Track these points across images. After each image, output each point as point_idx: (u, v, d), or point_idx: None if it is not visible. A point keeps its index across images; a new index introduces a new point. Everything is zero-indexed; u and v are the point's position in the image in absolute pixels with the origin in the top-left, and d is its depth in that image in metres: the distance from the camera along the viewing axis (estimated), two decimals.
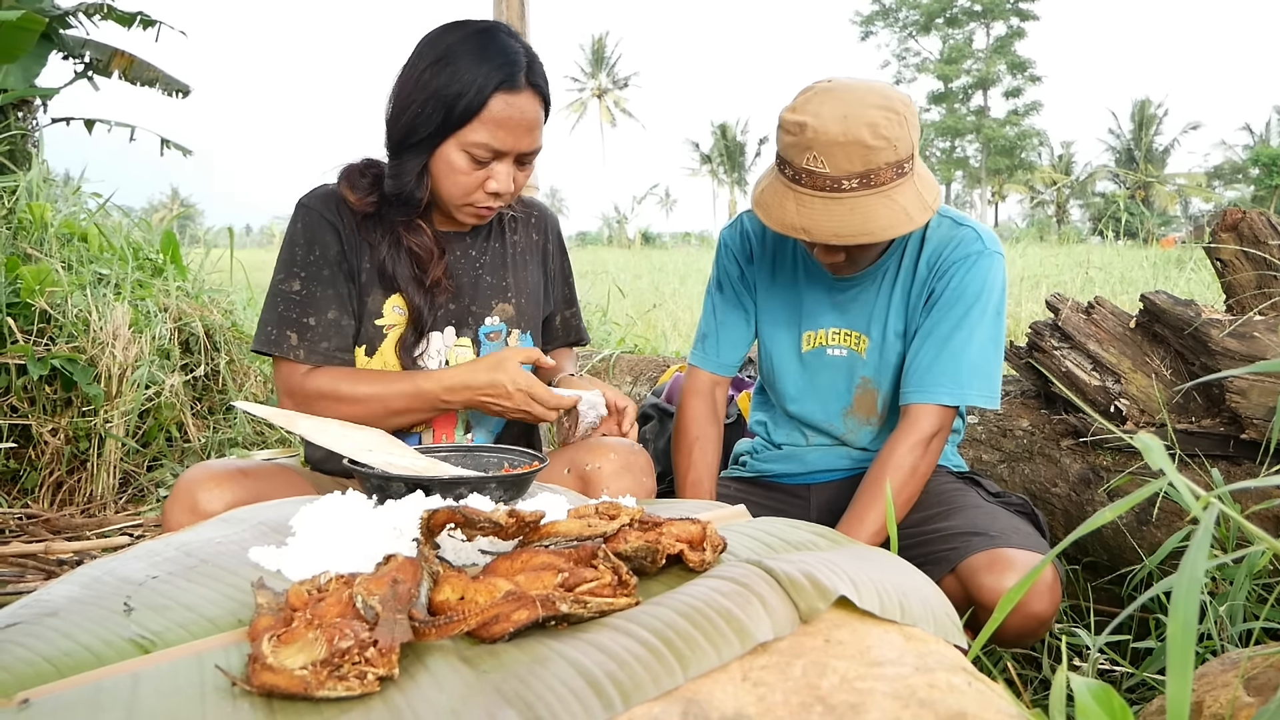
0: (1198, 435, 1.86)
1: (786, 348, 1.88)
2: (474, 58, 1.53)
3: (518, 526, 0.92)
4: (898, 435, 1.69)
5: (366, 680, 0.69)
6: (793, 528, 1.04)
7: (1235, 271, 2.03)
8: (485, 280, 1.73)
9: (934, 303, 1.72)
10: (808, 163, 1.54)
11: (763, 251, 1.91)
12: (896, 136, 1.52)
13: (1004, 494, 1.76)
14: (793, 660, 0.72)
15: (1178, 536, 1.54)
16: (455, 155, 1.55)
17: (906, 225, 1.56)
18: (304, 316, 1.60)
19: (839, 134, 1.50)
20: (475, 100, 1.51)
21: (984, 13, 53.19)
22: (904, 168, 1.56)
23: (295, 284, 1.62)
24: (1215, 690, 0.95)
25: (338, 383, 1.58)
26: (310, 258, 1.62)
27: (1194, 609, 0.67)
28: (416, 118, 1.54)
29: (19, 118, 8.18)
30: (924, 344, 1.71)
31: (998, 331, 1.72)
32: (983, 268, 1.70)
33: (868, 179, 1.53)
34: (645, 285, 10.41)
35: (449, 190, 1.59)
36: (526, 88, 1.55)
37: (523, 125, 1.55)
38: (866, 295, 1.80)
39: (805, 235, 1.57)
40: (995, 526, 1.57)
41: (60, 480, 3.07)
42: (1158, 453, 0.73)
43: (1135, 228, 12.40)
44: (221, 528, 1.07)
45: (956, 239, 1.73)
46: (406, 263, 1.64)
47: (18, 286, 3.07)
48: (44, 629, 0.79)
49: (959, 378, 1.68)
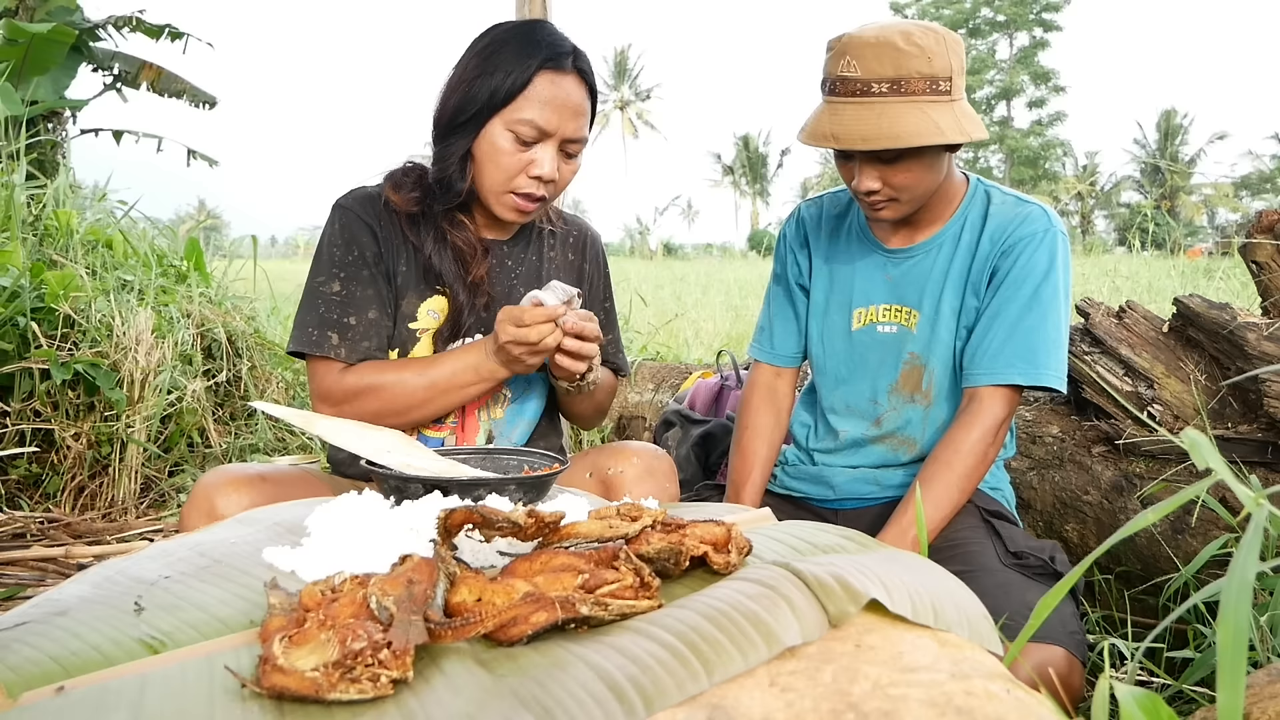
0: (1234, 441, 1.82)
1: (837, 327, 1.85)
2: (521, 42, 1.55)
3: (537, 527, 0.89)
4: (969, 420, 1.65)
5: (380, 683, 0.67)
6: (820, 531, 1.01)
7: (1271, 273, 1.98)
8: (519, 291, 1.71)
9: (1000, 282, 1.68)
10: (842, 69, 1.56)
11: (818, 235, 1.90)
12: (931, 49, 1.53)
13: (1024, 553, 1.61)
14: (822, 665, 0.69)
15: (1217, 544, 1.50)
16: (500, 135, 1.55)
17: (935, 135, 1.52)
18: (345, 316, 1.59)
19: (873, 37, 1.54)
20: (521, 77, 1.52)
21: (1007, 23, 52.97)
22: (939, 85, 1.54)
23: (335, 284, 1.60)
24: (1263, 702, 0.91)
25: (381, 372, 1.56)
26: (349, 258, 1.61)
27: (1245, 613, 0.63)
28: (464, 99, 1.55)
29: (49, 129, 8.30)
30: (992, 325, 1.67)
31: (1066, 312, 1.68)
32: (1049, 245, 1.66)
33: (898, 85, 1.53)
34: (667, 295, 10.39)
35: (492, 175, 1.57)
36: (573, 71, 1.56)
37: (568, 107, 1.54)
38: (921, 269, 1.76)
39: (834, 142, 1.57)
40: (1006, 606, 1.45)
41: (82, 485, 3.07)
42: (1206, 450, 0.69)
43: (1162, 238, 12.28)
44: (236, 528, 1.05)
45: (1022, 215, 1.69)
46: (451, 259, 1.63)
47: (42, 292, 3.09)
48: (52, 628, 0.77)
49: (1033, 357, 1.64)
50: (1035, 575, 1.57)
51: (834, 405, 1.88)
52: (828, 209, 1.92)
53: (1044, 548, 1.62)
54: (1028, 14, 52.16)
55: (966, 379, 1.70)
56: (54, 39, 6.72)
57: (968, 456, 1.62)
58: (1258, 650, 1.33)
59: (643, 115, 78.43)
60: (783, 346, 1.95)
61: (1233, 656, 0.61)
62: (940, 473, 1.63)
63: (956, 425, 1.67)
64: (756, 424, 1.92)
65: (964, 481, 1.63)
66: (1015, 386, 1.65)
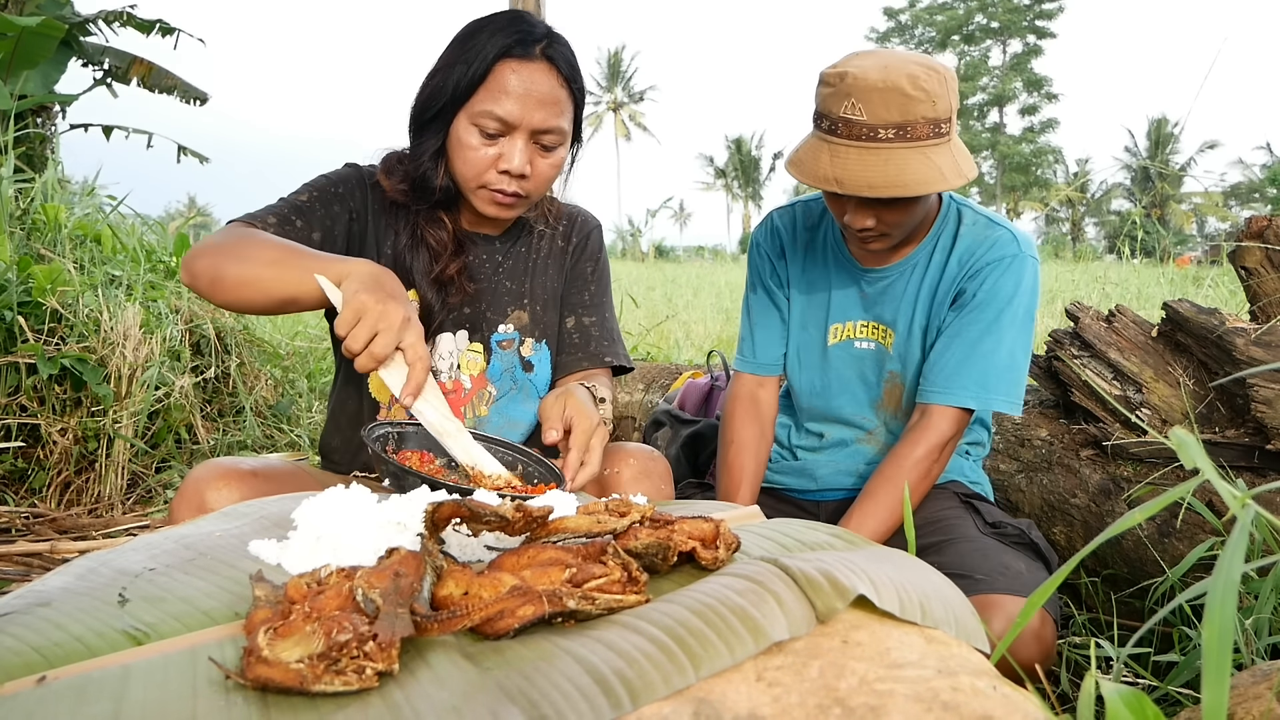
0: (1222, 446, 1.82)
1: (813, 341, 1.86)
2: (488, 31, 1.50)
3: (525, 522, 0.89)
4: (915, 436, 1.66)
5: (365, 675, 0.66)
6: (808, 528, 1.01)
7: (1260, 278, 1.99)
8: (504, 285, 1.69)
9: (964, 303, 1.68)
10: (845, 110, 1.53)
11: (794, 246, 1.90)
12: (936, 93, 1.51)
13: (1001, 524, 1.66)
14: (809, 661, 0.69)
15: (1203, 547, 1.51)
16: (464, 129, 1.51)
17: (940, 184, 1.52)
18: (295, 216, 1.54)
19: (878, 81, 1.50)
20: (480, 67, 1.47)
21: (1001, 30, 53.18)
22: (941, 128, 1.54)
23: (304, 195, 1.57)
24: (1247, 702, 0.92)
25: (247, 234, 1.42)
26: (331, 191, 1.59)
27: (1230, 614, 0.63)
28: (430, 93, 1.52)
29: (38, 123, 8.25)
30: (951, 345, 1.68)
31: (1027, 338, 1.69)
32: (1016, 271, 1.67)
33: (904, 131, 1.51)
34: (659, 297, 10.40)
35: (462, 171, 1.54)
36: (540, 59, 1.49)
37: (532, 96, 1.48)
38: (895, 288, 1.77)
39: (838, 186, 1.54)
40: (985, 567, 1.50)
41: (68, 480, 3.06)
42: (1193, 449, 0.70)
43: (1152, 246, 12.33)
44: (222, 521, 1.05)
45: (991, 239, 1.70)
46: (423, 257, 1.60)
47: (29, 286, 3.07)
48: (35, 619, 0.77)
49: (985, 381, 1.64)
50: (1013, 544, 1.61)
51: (814, 415, 1.89)
52: (801, 219, 1.92)
53: (1020, 523, 1.66)
54: (1021, 21, 52.39)
55: (921, 393, 1.71)
56: (43, 33, 6.68)
57: (910, 472, 1.64)
58: (1242, 652, 1.33)
59: (635, 117, 78.42)
60: (765, 354, 1.94)
61: (1217, 657, 0.61)
62: (881, 486, 1.65)
63: (903, 441, 1.68)
64: (741, 439, 1.90)
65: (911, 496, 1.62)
66: (965, 408, 1.67)
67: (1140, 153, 57.66)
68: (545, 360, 1.73)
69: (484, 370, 1.68)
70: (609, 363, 1.74)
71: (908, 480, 1.62)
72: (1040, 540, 1.64)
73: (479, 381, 1.68)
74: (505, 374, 1.69)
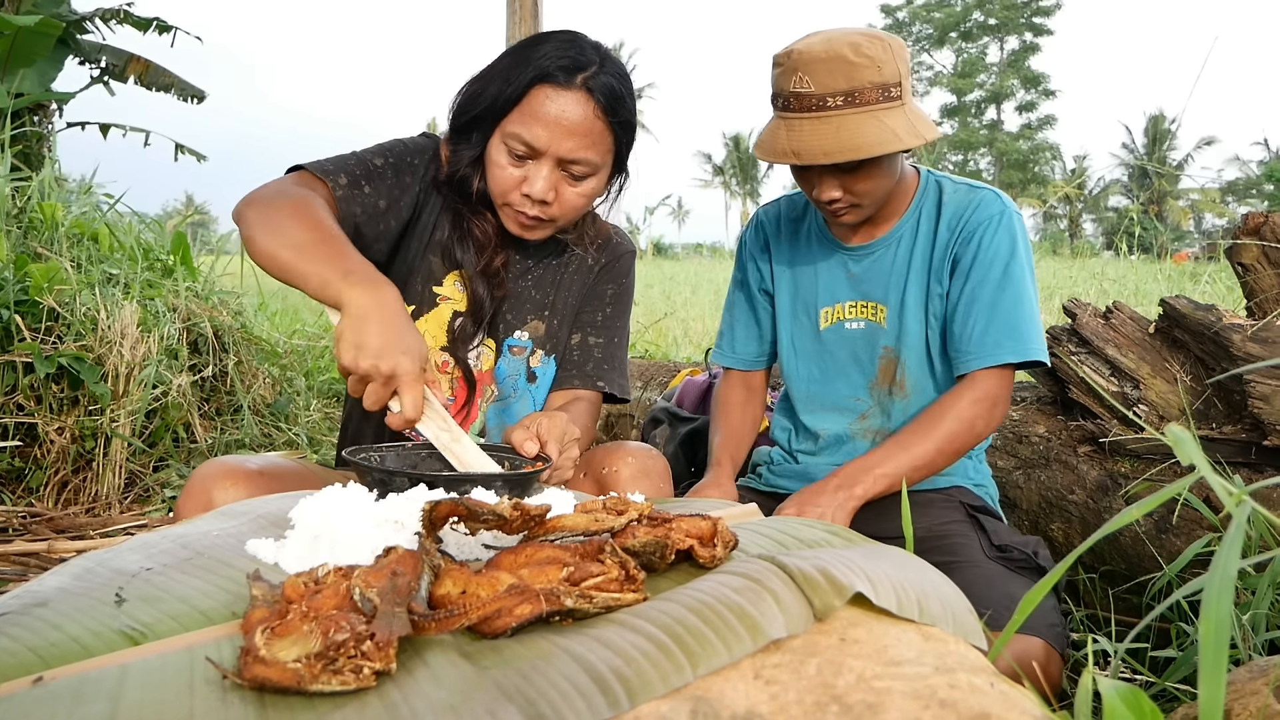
0: (1219, 442, 1.82)
1: (805, 329, 1.87)
2: (540, 51, 1.48)
3: (522, 520, 0.89)
4: (961, 390, 1.68)
5: (362, 674, 0.66)
6: (806, 526, 1.01)
7: (1257, 274, 1.99)
8: (530, 293, 1.69)
9: (966, 268, 1.70)
10: (794, 85, 1.58)
11: (779, 239, 1.93)
12: (880, 58, 1.55)
13: (1008, 547, 1.64)
14: (807, 658, 0.69)
15: (1200, 543, 1.51)
16: (496, 146, 1.51)
17: (894, 143, 1.55)
18: (365, 182, 1.53)
19: (822, 52, 1.55)
20: (516, 89, 1.47)
21: (998, 27, 53.17)
22: (891, 92, 1.57)
23: (378, 160, 1.57)
24: (1244, 698, 0.92)
25: (318, 200, 1.42)
26: (406, 161, 1.59)
27: (1227, 610, 0.64)
28: (466, 100, 1.53)
29: (35, 121, 8.23)
30: (971, 311, 1.69)
31: (1035, 287, 1.72)
32: (1008, 226, 1.70)
33: (852, 97, 1.55)
34: (657, 294, 10.40)
35: (490, 186, 1.54)
36: (578, 89, 1.47)
37: (562, 125, 1.46)
38: (883, 264, 1.79)
39: (795, 158, 1.59)
40: (990, 598, 1.47)
41: (65, 479, 3.05)
42: (1189, 445, 0.70)
43: (1149, 242, 12.33)
44: (220, 521, 1.05)
45: (976, 200, 1.73)
46: (471, 249, 1.60)
47: (26, 284, 3.06)
48: (31, 619, 0.77)
49: (1018, 333, 1.66)
50: (1019, 569, 1.60)
51: (812, 406, 1.90)
52: (785, 213, 1.95)
53: (1028, 543, 1.64)
54: (1019, 18, 52.38)
55: (957, 368, 1.72)
56: (40, 31, 6.67)
57: (954, 421, 1.65)
58: (1239, 648, 1.33)
59: None
60: (744, 350, 1.99)
61: (1214, 653, 0.61)
62: (923, 427, 1.66)
63: (948, 394, 1.70)
64: (729, 401, 1.99)
65: (944, 443, 1.65)
66: (1007, 365, 1.68)
67: (1138, 149, 57.69)
68: (550, 375, 1.73)
69: (491, 368, 1.68)
70: (601, 387, 1.73)
71: (950, 428, 1.64)
72: (1047, 561, 1.61)
73: (485, 377, 1.68)
74: (509, 378, 1.69)
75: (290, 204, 1.39)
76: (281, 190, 1.43)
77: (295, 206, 1.39)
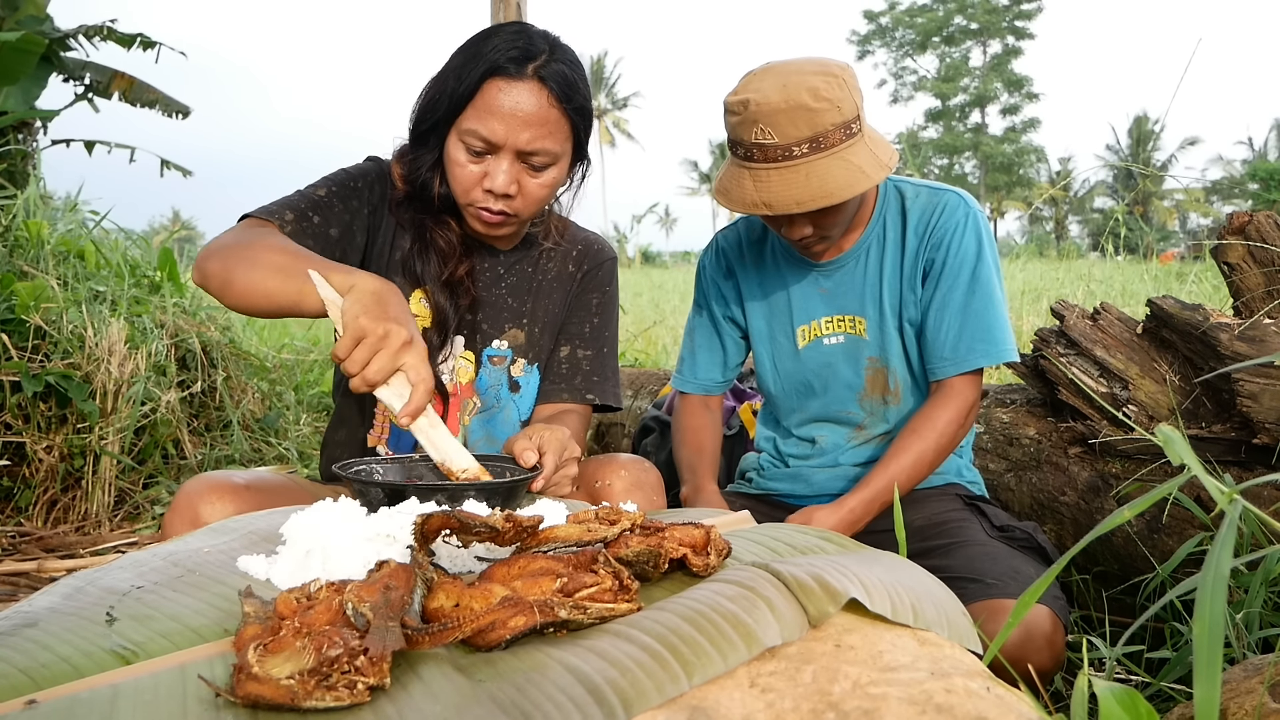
0: (1208, 441, 1.83)
1: (784, 349, 1.87)
2: (488, 45, 1.48)
3: (515, 532, 0.89)
4: (941, 402, 1.70)
5: (356, 690, 0.66)
6: (799, 533, 1.01)
7: (1243, 274, 2.00)
8: (505, 301, 1.68)
9: (938, 273, 1.72)
10: (756, 136, 1.56)
11: (742, 262, 1.92)
12: (838, 98, 1.54)
13: (1009, 527, 1.69)
14: (802, 666, 0.69)
15: (1193, 542, 1.52)
16: (454, 145, 1.50)
17: (864, 183, 1.56)
18: (312, 213, 1.53)
19: (781, 102, 1.53)
20: (468, 86, 1.46)
21: (981, 31, 53.41)
22: (851, 128, 1.57)
23: (321, 190, 1.57)
24: (1240, 697, 0.92)
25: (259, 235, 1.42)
26: (350, 186, 1.58)
27: (1220, 609, 0.64)
28: (424, 105, 1.52)
29: (19, 139, 8.20)
30: (943, 316, 1.71)
31: (1001, 286, 1.74)
32: (974, 227, 1.72)
33: (817, 142, 1.54)
34: (645, 302, 10.40)
35: (452, 186, 1.54)
36: (530, 79, 1.46)
37: (517, 116, 1.45)
38: (854, 277, 1.80)
39: (768, 209, 1.58)
40: (994, 571, 1.51)
41: (54, 498, 3.03)
42: (1180, 445, 0.70)
43: (1135, 243, 12.39)
44: (210, 537, 1.04)
45: (940, 204, 1.74)
46: (433, 261, 1.59)
47: (12, 303, 3.05)
48: (21, 640, 0.76)
49: (989, 336, 1.69)
50: (1020, 547, 1.64)
51: (803, 420, 1.90)
52: (745, 235, 1.94)
53: (1026, 525, 1.70)
54: (1001, 22, 52.62)
55: (932, 373, 1.74)
56: (23, 48, 6.64)
57: (941, 435, 1.68)
58: (1234, 647, 1.34)
59: (620, 124, 78.49)
60: (706, 375, 1.99)
61: (1209, 652, 0.61)
62: (913, 443, 1.68)
63: (930, 404, 1.72)
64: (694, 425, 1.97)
65: (934, 455, 1.69)
66: (979, 369, 1.71)
67: (1122, 150, 58.00)
68: (533, 384, 1.72)
69: (472, 380, 1.67)
70: (591, 400, 1.73)
71: (938, 440, 1.67)
72: (1046, 543, 1.67)
73: (466, 390, 1.67)
74: (491, 389, 1.68)
75: (255, 241, 1.40)
76: (237, 237, 1.43)
77: (262, 242, 1.40)
